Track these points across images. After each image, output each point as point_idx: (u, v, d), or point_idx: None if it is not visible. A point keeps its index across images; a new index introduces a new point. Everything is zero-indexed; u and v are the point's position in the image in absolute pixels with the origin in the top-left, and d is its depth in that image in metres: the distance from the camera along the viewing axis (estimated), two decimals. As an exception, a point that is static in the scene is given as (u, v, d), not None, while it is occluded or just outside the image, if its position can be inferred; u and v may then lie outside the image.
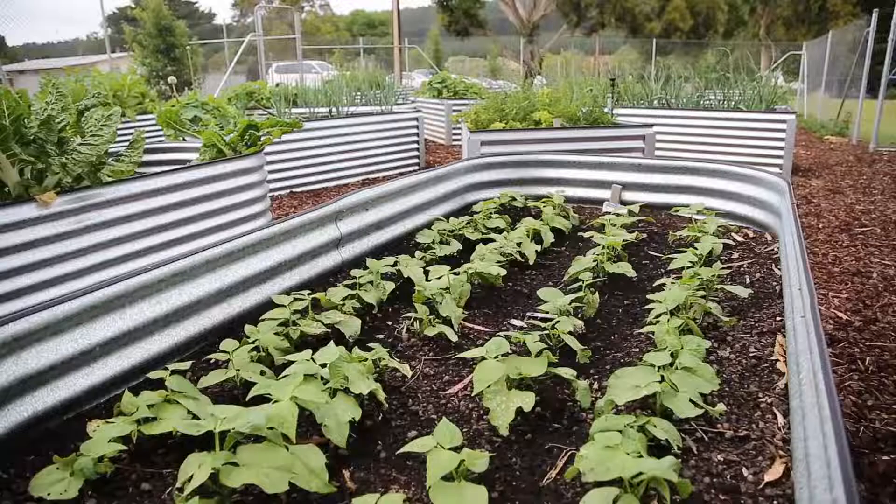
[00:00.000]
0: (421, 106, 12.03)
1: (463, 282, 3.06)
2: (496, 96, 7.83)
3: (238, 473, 1.66)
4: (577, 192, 5.09)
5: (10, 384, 2.07)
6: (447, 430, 1.81)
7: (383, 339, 2.82)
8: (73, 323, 2.27)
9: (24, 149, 3.74)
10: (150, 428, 1.98)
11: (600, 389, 2.37)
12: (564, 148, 6.11)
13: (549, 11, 27.33)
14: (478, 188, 5.02)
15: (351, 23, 62.01)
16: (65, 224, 3.64)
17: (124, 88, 10.26)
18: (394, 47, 26.34)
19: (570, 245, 4.21)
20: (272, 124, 5.04)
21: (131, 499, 1.85)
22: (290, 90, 10.10)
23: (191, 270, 2.68)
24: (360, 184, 8.28)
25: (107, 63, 18.16)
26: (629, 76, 11.83)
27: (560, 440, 2.09)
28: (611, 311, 3.13)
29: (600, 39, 32.74)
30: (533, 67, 25.09)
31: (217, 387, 2.37)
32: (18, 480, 1.92)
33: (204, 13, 57.89)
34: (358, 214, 3.75)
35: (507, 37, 32.23)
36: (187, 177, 4.27)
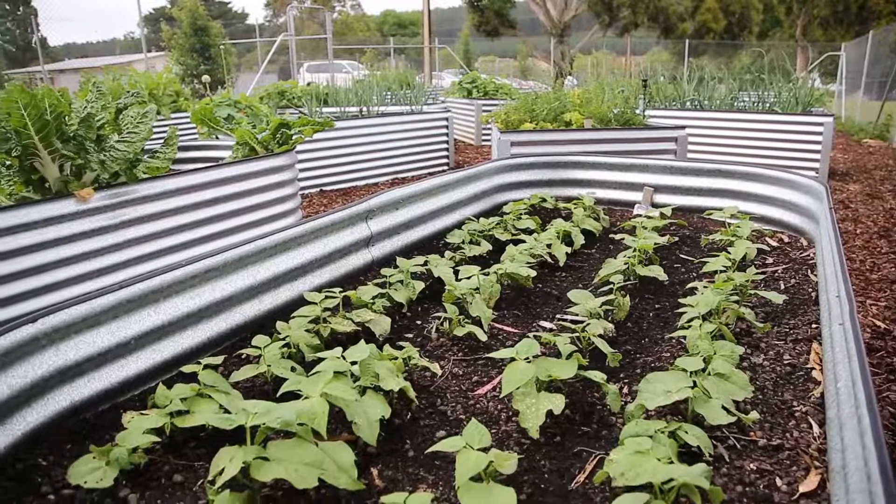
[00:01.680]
0: (451, 106, 12.02)
1: (492, 282, 3.05)
2: (527, 97, 7.80)
3: (268, 468, 1.68)
4: (608, 194, 5.05)
5: (50, 374, 2.12)
6: (476, 430, 1.81)
7: (412, 339, 2.83)
8: (110, 316, 2.32)
9: (64, 145, 3.81)
10: (182, 421, 2.01)
11: (630, 393, 2.35)
12: (595, 149, 6.06)
13: (581, 11, 27.10)
14: (508, 189, 5.01)
15: (381, 23, 62.27)
16: (102, 219, 3.71)
17: (159, 87, 10.45)
18: (424, 47, 26.41)
19: (601, 247, 4.18)
20: (304, 123, 5.08)
21: (164, 490, 1.88)
22: (321, 90, 10.18)
23: (223, 267, 2.71)
24: (389, 183, 8.31)
25: (143, 62, 18.49)
26: (661, 77, 11.69)
27: (589, 444, 2.07)
28: (641, 314, 3.10)
29: (632, 40, 32.44)
30: (563, 68, 24.92)
31: (248, 382, 2.40)
32: (57, 468, 1.97)
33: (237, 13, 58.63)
34: (388, 213, 3.77)
35: (537, 37, 32.07)
36: (220, 174, 4.33)
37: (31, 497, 1.84)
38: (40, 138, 3.66)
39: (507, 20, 29.55)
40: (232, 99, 7.24)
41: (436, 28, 32.14)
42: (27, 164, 3.79)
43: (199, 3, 21.04)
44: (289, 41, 17.52)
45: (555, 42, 26.49)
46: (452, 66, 33.03)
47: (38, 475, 1.94)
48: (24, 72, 33.64)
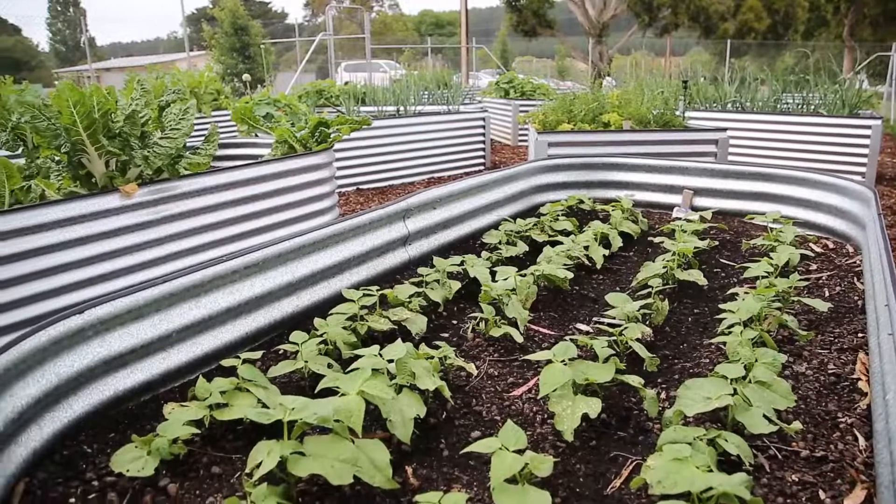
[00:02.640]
0: (487, 106, 12.00)
1: (529, 283, 3.04)
2: (564, 97, 7.74)
3: (305, 463, 1.69)
4: (647, 197, 4.98)
5: (96, 364, 2.17)
6: (512, 432, 1.80)
7: (448, 338, 2.83)
8: (153, 309, 2.37)
9: (110, 142, 3.90)
10: (221, 414, 2.04)
11: (668, 399, 2.32)
12: (634, 151, 5.99)
13: (620, 12, 26.81)
14: (545, 190, 4.98)
15: (419, 22, 62.44)
16: (144, 214, 3.78)
17: (201, 85, 10.65)
18: (461, 47, 26.40)
19: (639, 250, 4.12)
20: (342, 122, 5.12)
21: (202, 481, 1.92)
22: (359, 89, 10.25)
23: (263, 263, 2.75)
24: (425, 182, 8.33)
25: (185, 61, 18.86)
26: (701, 78, 11.49)
27: (625, 449, 2.05)
28: (680, 319, 3.05)
29: (671, 40, 31.96)
30: (601, 68, 24.70)
31: (285, 377, 2.43)
32: (100, 455, 2.02)
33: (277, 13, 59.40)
34: (426, 213, 3.78)
35: (575, 37, 31.82)
36: (260, 171, 4.38)
37: (77, 482, 1.89)
38: (88, 135, 3.75)
39: (545, 20, 29.37)
40: (271, 97, 7.33)
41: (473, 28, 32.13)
42: (75, 160, 3.89)
43: (240, 3, 21.41)
44: (327, 41, 17.68)
45: (593, 42, 26.26)
46: (489, 66, 32.98)
47: (82, 461, 2.00)
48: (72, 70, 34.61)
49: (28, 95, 5.33)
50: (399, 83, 10.16)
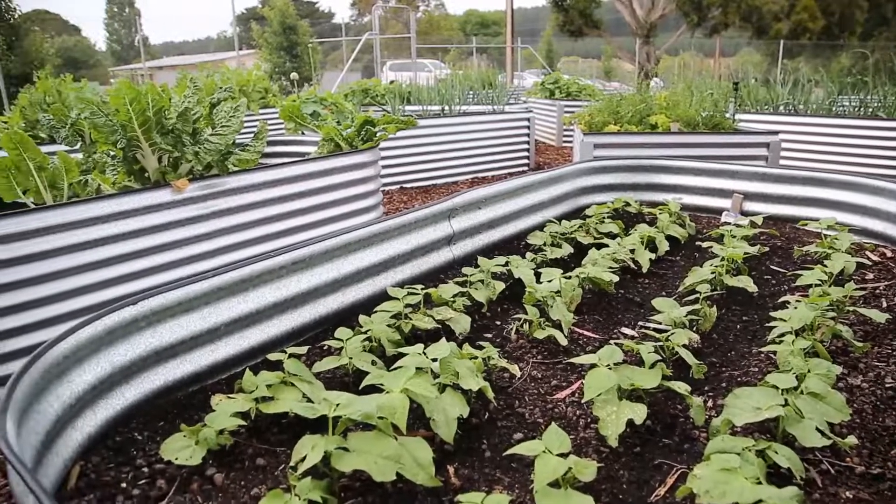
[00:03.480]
0: (532, 106, 11.94)
1: (574, 286, 3.01)
2: (611, 98, 7.65)
3: (349, 459, 1.71)
4: (695, 200, 4.89)
5: (147, 354, 2.23)
6: (556, 435, 1.79)
7: (492, 339, 2.83)
8: (203, 302, 2.42)
9: (163, 138, 4.00)
10: (267, 407, 2.08)
11: (715, 408, 2.27)
12: (682, 154, 5.88)
13: (668, 11, 26.36)
14: (591, 192, 4.93)
15: (464, 22, 62.48)
16: (194, 209, 3.87)
17: (249, 84, 10.84)
18: (506, 47, 26.31)
19: (686, 255, 4.05)
20: (387, 121, 5.16)
21: (247, 472, 1.95)
22: (404, 88, 10.31)
23: (310, 259, 2.79)
24: (469, 182, 8.33)
25: (234, 60, 19.24)
26: (753, 79, 11.21)
27: (670, 457, 2.01)
28: (728, 326, 2.99)
29: (721, 41, 31.27)
30: (649, 69, 24.32)
31: (329, 373, 2.45)
32: (150, 443, 2.07)
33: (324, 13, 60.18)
34: (471, 213, 3.78)
35: (621, 37, 31.43)
36: (306, 168, 4.44)
37: (128, 468, 1.95)
38: (142, 132, 3.85)
39: (591, 20, 29.05)
40: (318, 96, 7.43)
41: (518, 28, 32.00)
42: (130, 156, 4.00)
43: (289, 2, 21.73)
44: (373, 40, 17.83)
45: (640, 42, 25.89)
46: (534, 66, 32.81)
47: (133, 448, 2.05)
48: (126, 69, 35.62)
49: (87, 93, 5.51)
50: (444, 82, 10.18)
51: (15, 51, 18.99)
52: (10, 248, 2.99)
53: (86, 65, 47.53)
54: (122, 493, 1.83)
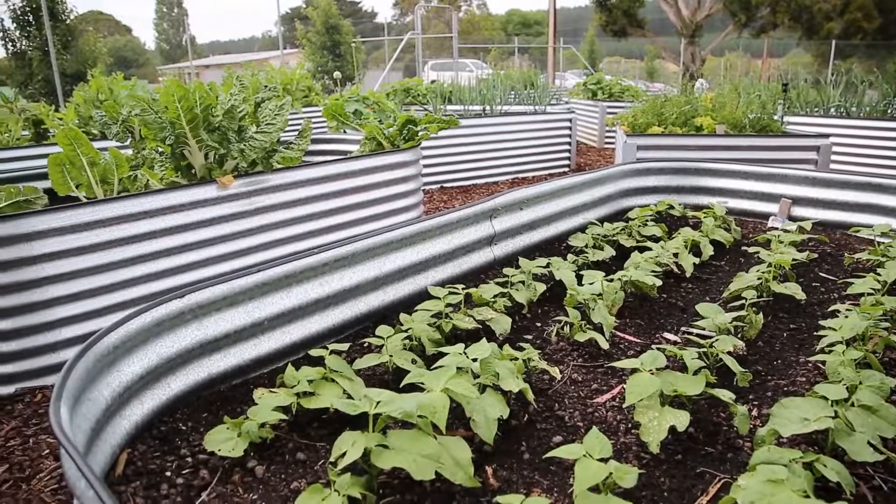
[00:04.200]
0: (574, 107, 11.86)
1: (616, 289, 2.98)
2: (655, 99, 7.54)
3: (389, 456, 1.72)
4: (741, 205, 4.78)
5: (193, 346, 2.28)
6: (597, 440, 1.77)
7: (532, 340, 2.81)
8: (247, 297, 2.46)
9: (210, 135, 4.08)
10: (308, 402, 2.10)
11: (760, 417, 2.22)
12: (727, 156, 5.77)
13: (715, 11, 25.83)
14: (634, 194, 4.87)
15: (506, 22, 62.32)
16: (239, 205, 3.93)
17: (293, 82, 11.00)
18: (548, 47, 26.14)
19: (731, 260, 3.97)
20: (429, 120, 5.17)
21: (287, 465, 1.98)
22: (446, 87, 10.33)
23: (352, 257, 2.81)
24: (509, 183, 8.30)
25: (278, 59, 19.52)
26: (802, 81, 10.93)
27: (713, 465, 1.97)
28: (774, 334, 2.92)
29: (770, 41, 30.54)
30: (693, 70, 23.90)
31: (369, 370, 2.47)
32: (194, 434, 2.12)
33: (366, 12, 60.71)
34: (513, 213, 3.77)
35: (665, 37, 30.96)
36: (349, 167, 4.48)
37: (172, 457, 1.99)
38: (190, 129, 3.94)
39: (635, 20, 28.66)
40: (360, 95, 7.49)
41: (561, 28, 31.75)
42: (178, 152, 4.09)
43: (332, 2, 21.96)
44: (415, 39, 17.90)
45: (685, 43, 25.45)
46: (576, 66, 32.55)
47: (177, 438, 2.10)
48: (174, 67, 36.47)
49: (138, 91, 5.65)
50: (485, 82, 10.17)
51: (70, 50, 19.60)
52: (64, 240, 3.09)
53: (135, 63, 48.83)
54: (167, 482, 1.88)
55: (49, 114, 7.11)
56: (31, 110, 7.28)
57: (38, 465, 2.55)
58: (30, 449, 2.67)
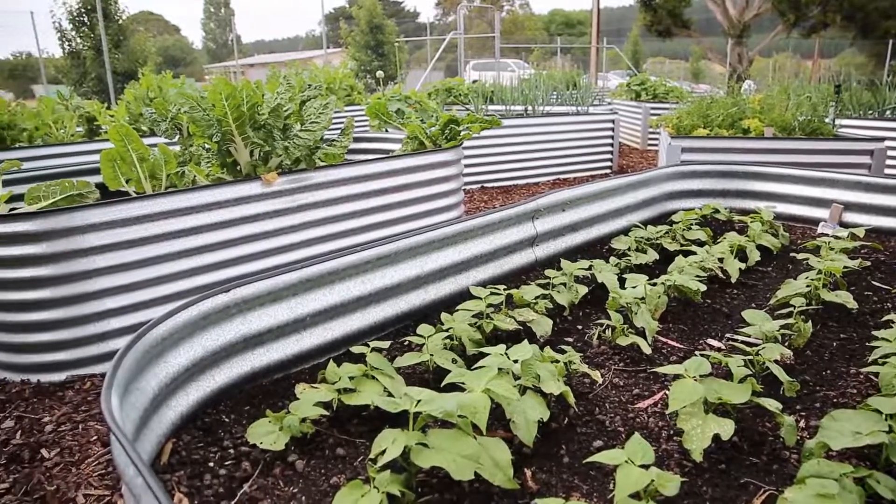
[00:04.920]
0: (616, 108, 11.72)
1: (660, 293, 2.93)
2: (701, 101, 7.40)
3: (428, 455, 1.72)
4: (789, 209, 4.66)
5: (237, 340, 2.32)
6: (639, 446, 1.74)
7: (573, 343, 2.79)
8: (290, 293, 2.50)
9: (255, 133, 4.15)
10: (349, 398, 2.12)
11: (808, 429, 2.16)
12: (775, 160, 5.63)
13: (763, 10, 25.20)
14: (678, 197, 4.79)
15: (549, 22, 61.92)
16: (282, 202, 3.98)
17: (336, 81, 11.12)
18: (591, 47, 25.89)
19: (778, 266, 3.87)
20: (472, 120, 5.16)
21: (327, 460, 2.00)
22: (487, 87, 10.30)
23: (394, 255, 2.83)
24: (550, 184, 8.25)
25: (321, 58, 19.74)
26: (856, 82, 10.60)
27: (757, 476, 1.93)
28: (823, 343, 2.83)
29: (820, 41, 29.68)
30: (741, 71, 23.38)
31: (409, 368, 2.48)
32: (236, 426, 2.15)
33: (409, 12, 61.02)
34: (555, 214, 3.74)
35: (711, 38, 30.33)
36: (391, 166, 4.50)
37: (216, 448, 2.03)
38: (237, 126, 4.00)
39: (681, 19, 28.14)
40: (402, 94, 7.52)
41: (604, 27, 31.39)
42: (224, 149, 4.16)
43: (377, 1, 22.12)
44: (457, 39, 17.92)
45: (732, 43, 24.90)
46: (619, 66, 32.18)
47: (220, 429, 2.14)
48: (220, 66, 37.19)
49: (187, 89, 5.77)
50: (527, 82, 10.12)
51: (121, 49, 20.16)
52: (115, 234, 3.17)
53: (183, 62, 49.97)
54: (210, 472, 1.91)
55: (101, 111, 7.31)
56: (85, 107, 7.51)
57: (87, 451, 2.63)
58: (79, 434, 2.75)
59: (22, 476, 2.47)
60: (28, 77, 33.63)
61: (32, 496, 2.36)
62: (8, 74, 36.57)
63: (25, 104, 7.85)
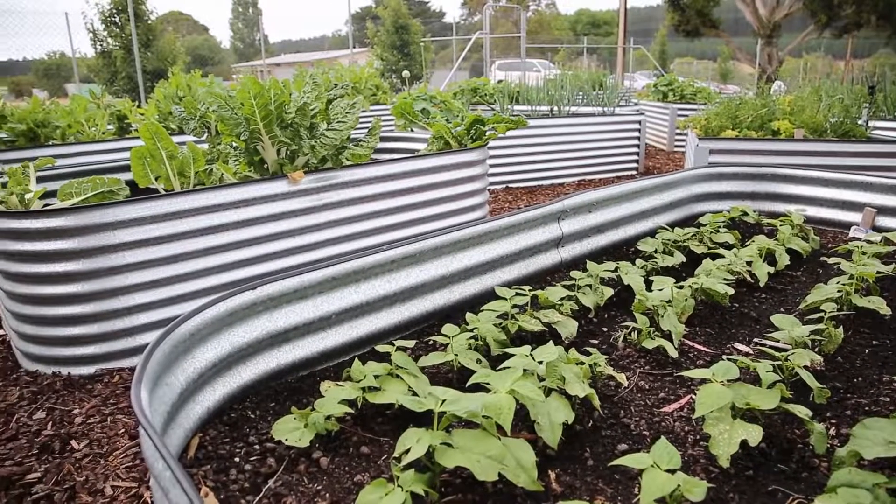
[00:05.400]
0: (643, 108, 11.62)
1: (686, 296, 2.90)
2: (730, 102, 7.31)
3: (452, 455, 1.72)
4: (820, 213, 4.58)
5: (263, 337, 2.34)
6: (665, 450, 1.72)
7: (598, 345, 2.77)
8: (317, 291, 2.51)
9: (282, 132, 4.18)
10: (373, 396, 2.12)
11: (838, 437, 2.12)
12: (806, 162, 5.54)
13: (794, 10, 24.78)
14: (706, 199, 4.73)
15: (575, 21, 61.63)
16: (308, 200, 4.01)
17: (361, 81, 11.16)
18: (618, 47, 25.69)
19: (808, 270, 3.80)
20: (497, 120, 5.15)
21: (351, 458, 2.00)
22: (513, 87, 10.28)
23: (420, 255, 2.83)
24: (575, 184, 8.21)
25: (347, 57, 19.83)
26: (891, 83, 10.37)
27: (786, 484, 1.90)
28: (855, 350, 2.78)
29: (854, 41, 29.13)
30: (770, 72, 23.03)
31: (433, 368, 2.48)
32: (262, 422, 2.17)
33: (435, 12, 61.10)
34: (581, 216, 3.72)
35: (740, 38, 29.92)
36: (416, 165, 4.51)
37: (241, 444, 2.05)
38: (264, 125, 4.04)
39: (709, 19, 27.79)
40: (428, 94, 7.53)
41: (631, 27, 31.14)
42: (251, 147, 4.20)
43: (402, 1, 22.17)
44: (483, 39, 17.90)
45: (762, 43, 24.54)
46: (645, 67, 31.90)
47: (246, 425, 2.16)
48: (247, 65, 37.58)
49: (216, 88, 5.84)
50: (553, 83, 10.07)
51: (151, 48, 20.46)
52: (144, 230, 3.22)
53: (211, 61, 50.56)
54: (236, 467, 1.93)
55: (132, 109, 7.43)
56: (116, 106, 7.63)
57: (115, 443, 2.67)
58: (107, 427, 2.79)
59: (53, 466, 2.52)
60: (62, 76, 34.34)
61: (62, 486, 2.41)
62: (43, 74, 37.38)
63: (59, 102, 8.01)
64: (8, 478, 2.44)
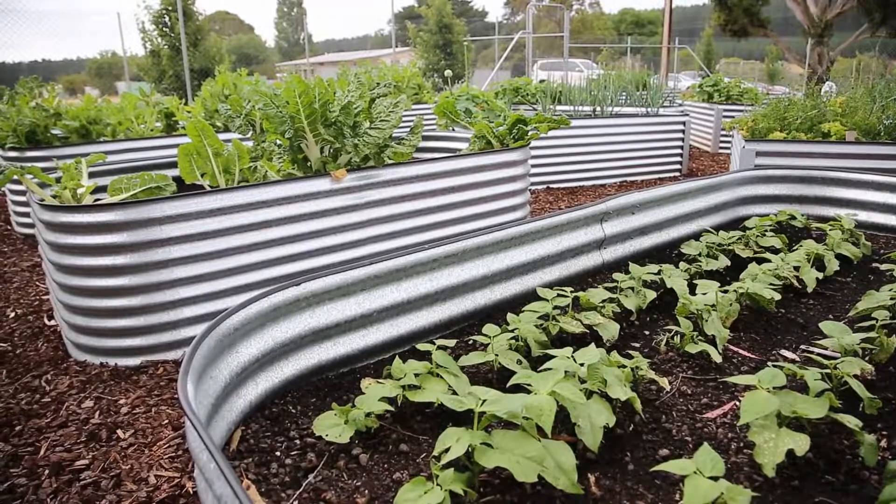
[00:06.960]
0: (687, 109, 11.42)
1: (731, 301, 2.84)
2: (778, 103, 7.13)
3: (492, 455, 1.72)
4: (872, 218, 4.44)
5: (305, 333, 2.37)
6: (709, 456, 1.69)
7: (639, 348, 2.73)
8: (359, 288, 2.53)
9: (326, 130, 4.23)
10: (414, 395, 2.13)
11: (889, 449, 2.05)
12: (857, 165, 5.38)
13: (847, 9, 24.04)
14: (752, 202, 4.63)
15: (619, 21, 60.93)
16: (350, 198, 4.04)
17: (404, 80, 11.22)
18: (662, 47, 25.30)
19: (859, 276, 3.69)
20: (540, 120, 5.12)
21: (390, 455, 2.02)
22: (555, 87, 10.21)
23: (462, 254, 2.84)
24: (617, 186, 8.11)
25: (390, 57, 19.95)
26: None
27: (834, 496, 1.84)
28: (908, 359, 2.69)
29: (911, 42, 28.13)
30: (821, 72, 22.41)
31: (473, 367, 2.48)
32: (303, 417, 2.20)
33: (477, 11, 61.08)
34: (624, 217, 3.68)
35: (789, 37, 29.16)
36: (458, 164, 4.51)
37: (282, 438, 2.08)
38: (308, 123, 4.09)
39: (757, 18, 27.15)
40: (470, 93, 7.53)
41: (676, 27, 30.64)
42: (295, 145, 4.26)
43: (446, 1, 22.21)
44: (525, 38, 17.82)
45: (812, 43, 23.88)
46: (690, 67, 31.36)
47: (287, 420, 2.19)
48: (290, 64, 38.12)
49: (262, 86, 5.94)
50: (596, 83, 9.97)
51: (198, 48, 20.92)
52: (190, 226, 3.29)
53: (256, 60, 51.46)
54: (276, 461, 1.96)
55: (179, 107, 7.60)
56: (164, 103, 7.82)
57: (159, 434, 2.74)
58: (152, 418, 2.86)
59: (100, 454, 2.60)
60: (113, 75, 35.39)
61: (109, 473, 2.48)
62: (95, 72, 38.60)
63: (110, 100, 8.24)
64: (58, 463, 2.52)
